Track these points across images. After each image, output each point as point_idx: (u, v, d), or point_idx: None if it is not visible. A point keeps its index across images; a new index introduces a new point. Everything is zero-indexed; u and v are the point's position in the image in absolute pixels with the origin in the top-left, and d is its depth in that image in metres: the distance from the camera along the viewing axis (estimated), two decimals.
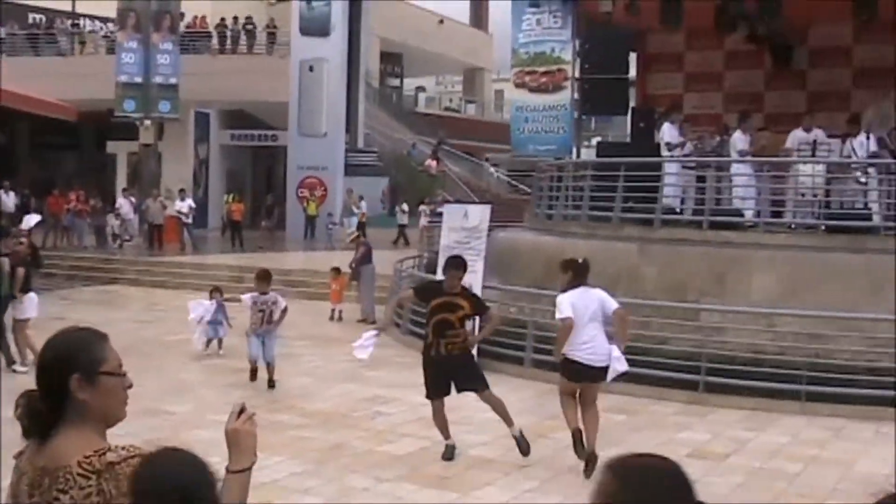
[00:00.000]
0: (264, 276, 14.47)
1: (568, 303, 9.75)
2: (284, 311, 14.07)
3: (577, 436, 9.85)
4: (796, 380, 12.89)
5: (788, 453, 10.80)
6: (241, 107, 40.65)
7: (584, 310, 9.72)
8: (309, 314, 21.06)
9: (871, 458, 10.77)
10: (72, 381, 2.88)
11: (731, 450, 11.01)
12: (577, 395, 10.01)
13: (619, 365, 9.87)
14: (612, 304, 9.89)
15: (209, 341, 16.29)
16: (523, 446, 10.19)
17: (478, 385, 10.40)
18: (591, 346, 9.68)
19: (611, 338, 9.93)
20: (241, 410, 3.02)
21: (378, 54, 52.11)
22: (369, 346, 10.51)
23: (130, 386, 3.02)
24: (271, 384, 13.60)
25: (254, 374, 13.90)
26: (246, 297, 14.37)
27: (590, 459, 9.57)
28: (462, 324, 10.40)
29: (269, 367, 13.73)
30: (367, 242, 21.27)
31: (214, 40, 41.37)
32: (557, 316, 9.85)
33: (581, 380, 9.89)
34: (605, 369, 9.78)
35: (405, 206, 34.97)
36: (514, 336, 15.34)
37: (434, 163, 42.54)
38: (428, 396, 10.39)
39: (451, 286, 10.31)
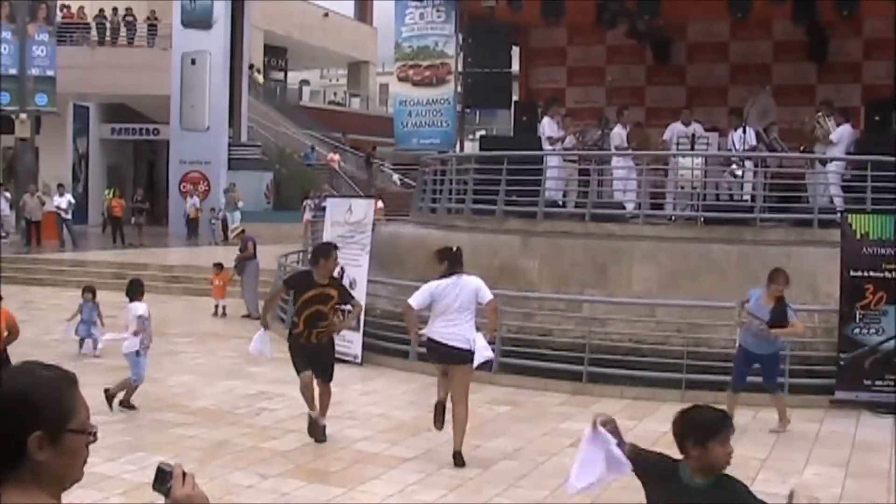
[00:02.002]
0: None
1: (427, 290, 9.91)
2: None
3: (438, 408, 10.06)
4: (676, 368, 13.14)
5: (669, 440, 10.82)
6: (122, 100, 39.96)
7: (452, 298, 9.77)
8: (192, 311, 20.81)
9: (746, 442, 11.03)
10: (31, 439, 2.40)
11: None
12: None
13: (486, 352, 9.99)
14: (487, 295, 9.95)
15: (83, 341, 15.88)
16: (317, 433, 10.50)
17: (326, 375, 10.63)
18: (451, 330, 9.74)
19: (479, 329, 10.01)
20: (183, 473, 2.74)
21: (262, 48, 51.62)
22: (261, 344, 10.75)
23: (95, 439, 2.58)
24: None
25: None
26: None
27: (455, 458, 9.76)
28: (334, 313, 10.57)
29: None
30: (251, 237, 21.08)
31: (93, 32, 40.49)
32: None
33: (441, 360, 9.95)
34: (466, 352, 9.79)
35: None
36: (399, 330, 15.35)
37: (337, 156, 42.35)
38: (297, 369, 10.53)
39: (322, 276, 10.39)
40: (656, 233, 15.80)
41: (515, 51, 23.43)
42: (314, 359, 10.49)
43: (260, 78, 52.57)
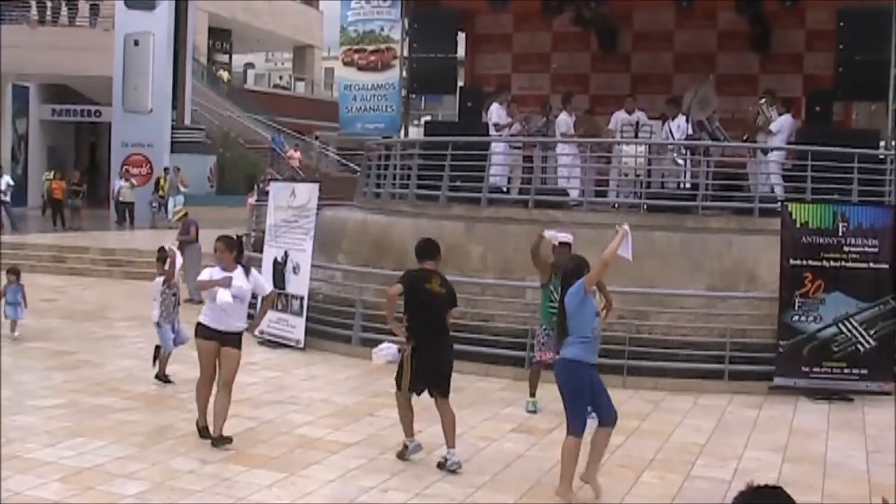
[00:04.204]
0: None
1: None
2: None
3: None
4: (618, 355, 13.23)
5: None
6: (63, 81, 39.42)
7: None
8: (134, 295, 20.62)
9: (687, 428, 11.18)
10: None
11: (555, 424, 11.19)
12: None
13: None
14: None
15: (14, 323, 15.52)
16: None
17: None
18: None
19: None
20: None
21: (206, 30, 51.15)
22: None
23: None
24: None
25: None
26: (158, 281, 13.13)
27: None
28: None
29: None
30: (193, 221, 20.91)
31: (34, 11, 39.89)
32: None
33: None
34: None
35: None
36: (342, 315, 15.34)
37: (298, 154, 42.08)
38: None
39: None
40: (599, 220, 15.83)
41: (461, 37, 23.39)
42: None
43: (226, 75, 52.18)
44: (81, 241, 27.37)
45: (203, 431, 10.04)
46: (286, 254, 16.09)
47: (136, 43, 36.05)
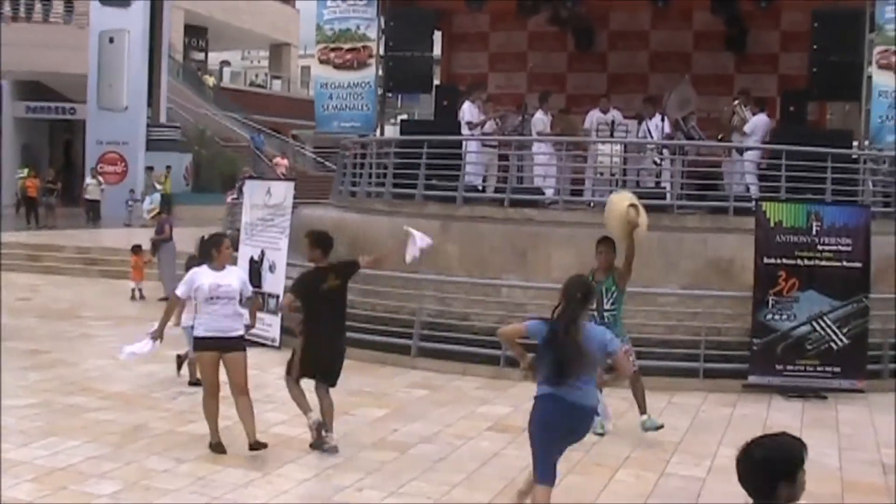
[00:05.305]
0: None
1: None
2: None
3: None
4: None
5: None
6: (38, 78, 39.19)
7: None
8: (109, 294, 20.57)
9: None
10: None
11: None
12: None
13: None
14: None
15: None
16: None
17: None
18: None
19: None
20: None
21: (182, 27, 50.95)
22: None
23: None
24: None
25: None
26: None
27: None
28: None
29: None
30: (168, 219, 20.84)
31: (7, 7, 39.62)
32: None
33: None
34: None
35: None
36: None
37: (284, 161, 41.84)
38: None
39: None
40: (575, 218, 15.90)
41: (438, 35, 23.39)
42: None
43: (211, 81, 51.95)
44: (56, 239, 27.23)
45: (217, 448, 9.64)
46: (262, 252, 16.06)
47: (112, 40, 35.89)
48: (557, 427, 7.25)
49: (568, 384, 7.16)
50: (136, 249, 20.71)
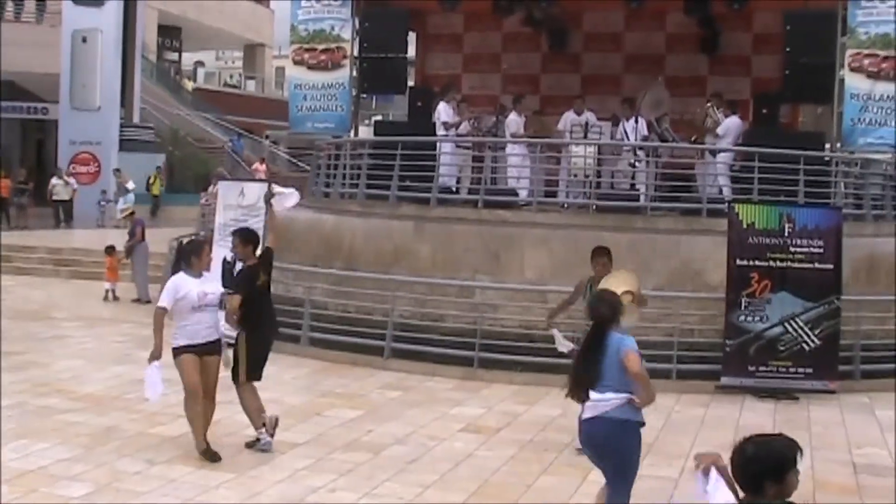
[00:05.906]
0: None
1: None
2: None
3: None
4: (567, 355, 13.25)
5: (559, 425, 11.11)
6: (9, 77, 38.84)
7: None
8: (82, 295, 20.45)
9: None
10: None
11: (504, 423, 11.28)
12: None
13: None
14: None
15: None
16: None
17: None
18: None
19: None
20: None
21: (156, 27, 50.70)
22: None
23: None
24: None
25: None
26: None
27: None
28: None
29: None
30: (140, 220, 20.75)
31: None
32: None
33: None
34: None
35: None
36: (291, 315, 15.26)
37: (263, 167, 41.64)
38: None
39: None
40: (549, 220, 15.93)
41: (412, 36, 23.37)
42: None
43: (189, 85, 51.67)
44: (27, 240, 27.05)
45: (207, 454, 9.38)
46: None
47: (84, 40, 35.65)
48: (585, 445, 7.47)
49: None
50: (110, 250, 20.60)
